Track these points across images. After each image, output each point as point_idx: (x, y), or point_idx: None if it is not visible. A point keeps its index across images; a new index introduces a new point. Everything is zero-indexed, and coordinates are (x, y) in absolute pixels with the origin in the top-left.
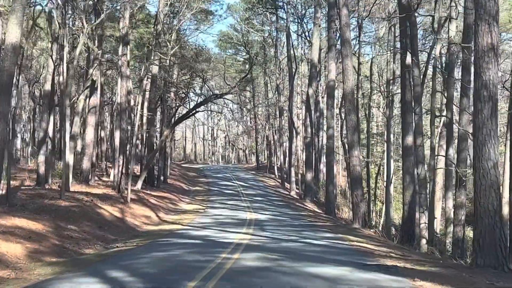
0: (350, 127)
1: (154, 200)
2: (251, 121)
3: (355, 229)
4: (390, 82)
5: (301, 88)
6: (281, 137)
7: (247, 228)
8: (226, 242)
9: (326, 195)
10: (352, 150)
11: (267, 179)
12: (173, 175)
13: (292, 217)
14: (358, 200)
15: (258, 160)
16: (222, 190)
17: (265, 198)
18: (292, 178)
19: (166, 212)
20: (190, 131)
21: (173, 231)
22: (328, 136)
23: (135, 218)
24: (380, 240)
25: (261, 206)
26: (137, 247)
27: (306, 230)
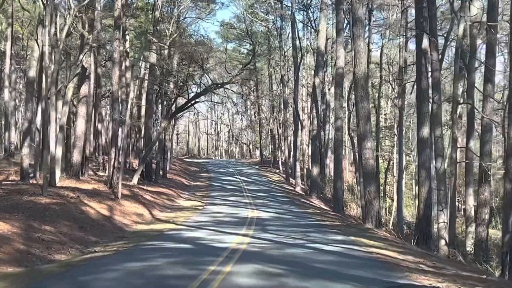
0: (362, 116)
1: (149, 196)
2: (255, 114)
3: (368, 230)
4: (402, 70)
5: (307, 80)
6: (286, 131)
7: (247, 229)
8: (220, 247)
9: (334, 191)
10: (364, 142)
11: (271, 174)
12: (173, 170)
13: (298, 215)
14: (371, 197)
15: (262, 154)
16: (224, 185)
17: (268, 194)
18: (297, 173)
19: (162, 209)
20: (194, 125)
21: (164, 232)
22: (336, 127)
23: (124, 216)
24: (399, 244)
25: (264, 202)
26: (115, 253)
27: (313, 231)
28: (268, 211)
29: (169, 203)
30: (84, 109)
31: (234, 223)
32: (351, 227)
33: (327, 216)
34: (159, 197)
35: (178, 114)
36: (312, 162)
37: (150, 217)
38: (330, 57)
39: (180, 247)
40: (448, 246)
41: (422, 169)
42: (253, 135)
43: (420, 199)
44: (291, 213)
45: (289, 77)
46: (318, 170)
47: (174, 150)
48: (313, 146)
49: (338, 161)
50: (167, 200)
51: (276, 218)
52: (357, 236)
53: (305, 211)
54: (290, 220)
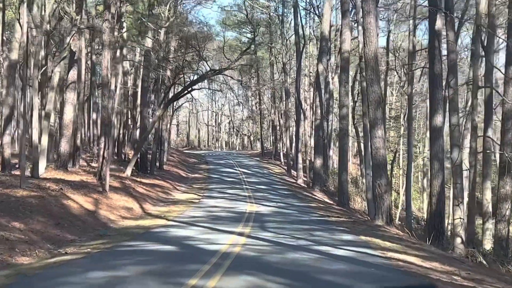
0: (372, 101)
1: (142, 189)
2: (256, 105)
3: (378, 228)
4: (411, 55)
5: (309, 70)
6: (288, 121)
7: (243, 226)
8: (210, 250)
9: (338, 184)
10: (374, 130)
11: (272, 166)
12: (171, 161)
13: (300, 209)
14: (381, 191)
15: (263, 146)
16: (223, 177)
17: (269, 187)
18: (299, 164)
19: (154, 202)
20: (194, 117)
21: (151, 229)
22: (341, 116)
23: (111, 210)
24: (415, 245)
25: (264, 196)
26: (84, 257)
27: (318, 229)
28: (268, 205)
29: (163, 196)
30: (73, 96)
31: (230, 219)
32: (360, 224)
33: (332, 210)
34: (153, 190)
35: (176, 104)
36: (315, 153)
37: (140, 211)
38: (333, 45)
39: (163, 249)
40: (464, 245)
41: (435, 160)
42: (254, 126)
43: (433, 193)
44: (293, 208)
45: (291, 66)
46: (321, 162)
47: (174, 142)
48: (316, 136)
49: (343, 152)
50: (161, 192)
51: (276, 213)
52: (369, 236)
53: (308, 205)
54: (292, 216)
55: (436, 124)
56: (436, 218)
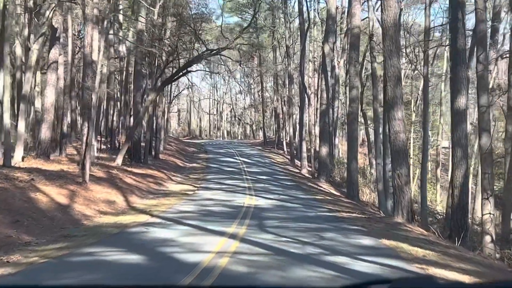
0: (391, 77)
1: (131, 179)
2: (258, 93)
3: (399, 226)
4: (427, 32)
5: (313, 55)
6: (291, 108)
7: (238, 224)
8: (187, 263)
9: (347, 174)
10: (393, 111)
11: (274, 155)
12: (168, 150)
13: (305, 203)
14: (401, 182)
15: (265, 134)
16: (222, 167)
17: (271, 177)
18: (303, 154)
19: (143, 195)
20: (196, 106)
21: (128, 228)
22: (351, 98)
23: (89, 204)
24: (451, 249)
25: (266, 187)
26: (21, 272)
27: (329, 229)
28: (269, 198)
29: (155, 187)
30: (55, 77)
31: (224, 215)
32: (376, 221)
33: (341, 204)
34: (144, 180)
35: (175, 90)
36: (321, 141)
37: (124, 205)
38: (339, 28)
39: (126, 261)
40: (495, 244)
41: (457, 147)
42: (256, 115)
43: (455, 184)
44: (297, 201)
45: (295, 50)
46: (327, 150)
47: (176, 131)
48: (321, 123)
49: (352, 139)
50: (153, 183)
51: (278, 208)
52: (391, 238)
53: (314, 198)
54: (296, 211)
55: (459, 106)
56: (458, 213)
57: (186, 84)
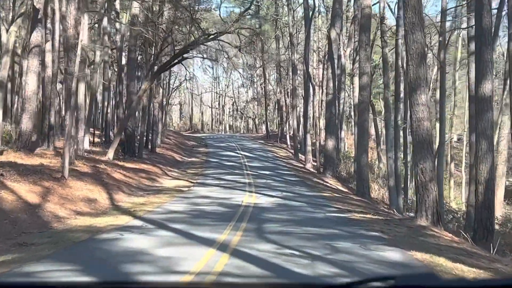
0: (413, 54)
1: (120, 175)
2: (261, 85)
3: (424, 231)
4: (444, 13)
5: (318, 45)
6: (295, 100)
7: (232, 229)
8: None
9: (357, 169)
10: (416, 94)
11: (277, 149)
12: (166, 144)
13: (311, 201)
14: (425, 178)
15: (267, 128)
16: (222, 161)
17: (273, 172)
18: (308, 147)
19: (132, 192)
20: (198, 99)
21: (100, 234)
22: (362, 86)
23: (64, 204)
24: (496, 263)
25: (267, 183)
26: None
27: (342, 237)
28: (271, 195)
29: (147, 183)
30: (36, 62)
31: (218, 217)
32: (395, 223)
33: (351, 203)
34: (136, 176)
35: (174, 82)
36: (327, 133)
37: (106, 203)
38: (345, 16)
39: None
40: None
41: (482, 139)
42: (259, 108)
43: (479, 180)
44: (302, 198)
45: (299, 40)
46: (333, 144)
47: (177, 125)
48: (327, 114)
49: (363, 130)
50: (146, 179)
51: (281, 207)
52: (422, 249)
53: (320, 195)
54: (301, 211)
55: (485, 92)
56: (483, 212)
57: (187, 76)
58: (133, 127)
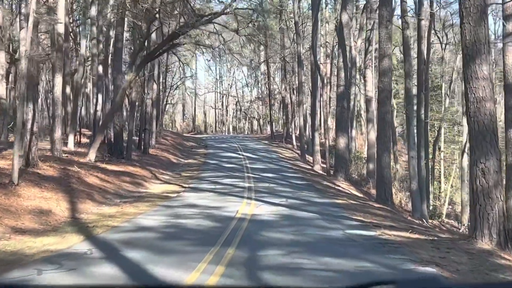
0: (471, 8)
1: (96, 179)
2: (265, 85)
3: (489, 258)
4: None
5: (325, 38)
6: (301, 95)
7: (212, 261)
8: None
9: (377, 170)
10: (474, 63)
11: (282, 150)
12: (162, 145)
13: (324, 210)
14: (488, 182)
15: (272, 127)
16: (222, 163)
17: (277, 175)
18: (316, 147)
19: (105, 199)
20: (201, 100)
21: (15, 267)
22: (382, 71)
23: (2, 217)
24: None
25: (270, 187)
26: None
27: (379, 276)
28: (273, 203)
29: (129, 188)
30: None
31: (199, 237)
32: (447, 247)
33: (374, 212)
34: (117, 180)
35: (172, 80)
36: (338, 130)
37: (64, 216)
38: (355, 6)
39: None
40: None
41: None
42: (264, 108)
43: None
44: (312, 207)
45: (305, 34)
46: (345, 142)
47: (180, 127)
48: (339, 108)
49: (384, 124)
50: (129, 184)
51: (285, 220)
52: None
53: (334, 202)
54: (312, 226)
55: None
56: None
57: (182, 68)
58: (120, 125)
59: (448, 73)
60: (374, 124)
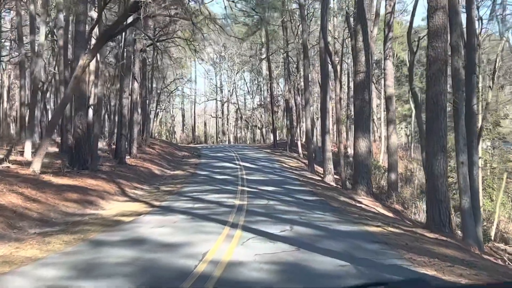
0: None
1: (19, 198)
2: (268, 90)
3: None
4: None
5: (332, 34)
6: (307, 93)
7: None
8: None
9: (428, 182)
10: None
11: (286, 159)
12: (147, 154)
13: (356, 252)
14: None
15: (275, 135)
16: (213, 175)
17: (280, 188)
18: (327, 153)
19: (15, 229)
20: (200, 110)
21: None
22: (434, 31)
23: None
24: None
25: (269, 206)
26: None
27: None
28: (271, 236)
29: (70, 209)
30: None
31: None
32: None
33: (443, 254)
34: (57, 199)
35: (168, 87)
36: (357, 130)
37: None
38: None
39: None
40: None
41: None
42: (266, 115)
43: None
44: (334, 243)
45: (312, 27)
46: (367, 145)
47: (179, 138)
48: (358, 102)
49: (437, 110)
50: (74, 203)
51: (291, 284)
52: None
53: (365, 232)
54: None
55: None
56: None
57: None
58: (83, 127)
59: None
60: (395, 125)
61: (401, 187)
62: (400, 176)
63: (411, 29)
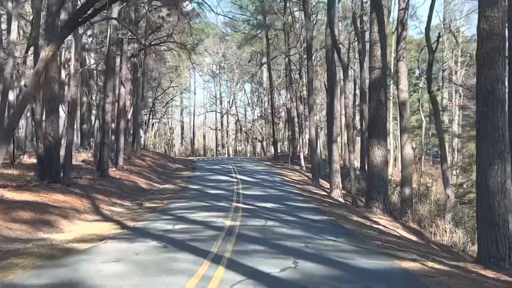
0: None
1: None
2: (268, 101)
3: None
4: None
5: (338, 38)
6: (311, 98)
7: None
8: None
9: (480, 200)
10: None
11: (288, 172)
12: (135, 166)
13: None
14: None
15: (276, 147)
16: (206, 189)
17: (280, 205)
18: (334, 165)
19: None
20: (199, 122)
21: None
22: None
23: None
24: None
25: (267, 229)
26: None
27: None
28: (266, 277)
29: (14, 233)
30: None
31: None
32: None
33: None
34: (1, 219)
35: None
36: (371, 137)
37: None
38: None
39: None
40: None
41: None
42: (266, 127)
43: None
44: None
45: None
46: (383, 154)
47: (178, 151)
48: (372, 103)
49: (492, 103)
50: (23, 224)
51: None
52: None
53: (398, 270)
54: None
55: None
56: None
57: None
58: (55, 135)
59: None
60: (409, 134)
61: (415, 203)
62: (414, 191)
63: (429, 24)
